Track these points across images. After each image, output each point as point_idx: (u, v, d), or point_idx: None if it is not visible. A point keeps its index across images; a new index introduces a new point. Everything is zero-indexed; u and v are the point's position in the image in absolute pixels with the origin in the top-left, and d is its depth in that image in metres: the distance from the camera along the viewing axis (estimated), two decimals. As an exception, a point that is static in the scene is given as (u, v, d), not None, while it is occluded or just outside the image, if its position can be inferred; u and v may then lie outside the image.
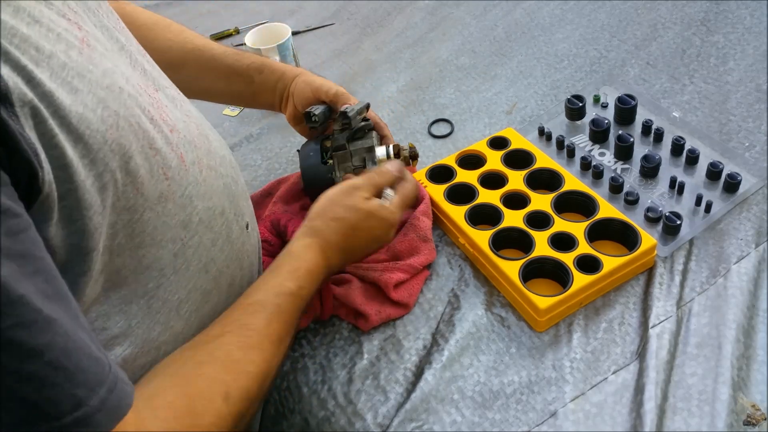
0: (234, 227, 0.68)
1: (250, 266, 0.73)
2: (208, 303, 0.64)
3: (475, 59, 1.23)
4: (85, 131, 0.46)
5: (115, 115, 0.49)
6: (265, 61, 0.95)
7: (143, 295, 0.56)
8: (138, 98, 0.53)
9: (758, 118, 0.97)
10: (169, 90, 0.65)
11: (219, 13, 1.57)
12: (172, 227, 0.57)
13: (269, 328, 0.62)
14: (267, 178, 1.04)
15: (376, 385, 0.74)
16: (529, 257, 0.80)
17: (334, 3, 1.51)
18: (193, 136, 0.62)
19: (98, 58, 0.50)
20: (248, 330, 0.61)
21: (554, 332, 0.76)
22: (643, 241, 0.79)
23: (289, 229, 0.87)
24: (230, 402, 0.55)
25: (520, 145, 0.96)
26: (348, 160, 0.88)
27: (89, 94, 0.47)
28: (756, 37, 1.12)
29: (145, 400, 0.50)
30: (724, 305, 0.75)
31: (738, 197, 0.86)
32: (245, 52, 0.97)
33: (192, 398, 0.53)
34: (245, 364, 0.58)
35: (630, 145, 0.93)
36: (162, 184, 0.54)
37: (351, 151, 0.88)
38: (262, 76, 0.93)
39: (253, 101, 0.98)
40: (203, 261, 0.62)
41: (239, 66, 0.93)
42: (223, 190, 0.66)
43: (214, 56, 0.93)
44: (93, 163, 0.47)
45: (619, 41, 1.19)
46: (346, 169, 0.88)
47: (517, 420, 0.69)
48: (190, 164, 0.59)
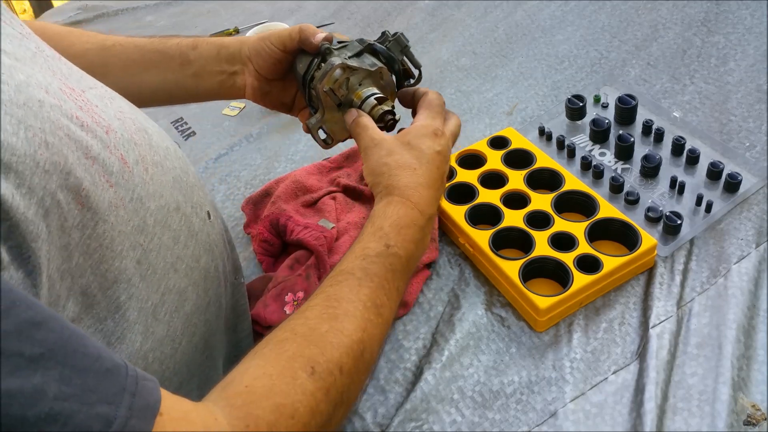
0: (194, 220, 0.64)
1: (221, 254, 0.70)
2: (187, 301, 0.62)
3: (476, 60, 1.23)
4: (12, 159, 0.41)
5: (41, 133, 0.45)
6: (197, 37, 0.82)
7: (116, 309, 0.53)
8: (62, 106, 0.49)
9: (759, 118, 0.97)
10: (96, 89, 0.59)
11: (219, 12, 1.57)
12: (128, 235, 0.54)
13: (359, 294, 0.57)
14: (267, 178, 1.04)
15: (375, 384, 0.73)
16: (529, 257, 0.79)
17: (334, 3, 1.51)
18: (130, 133, 0.57)
19: (6, 74, 0.45)
20: (334, 300, 0.56)
21: (554, 332, 0.76)
22: (644, 241, 0.79)
23: (288, 229, 0.87)
24: (316, 376, 0.51)
25: (521, 145, 0.96)
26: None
27: (6, 117, 0.42)
28: (756, 38, 1.12)
29: (221, 390, 0.48)
30: (725, 305, 0.75)
31: (738, 197, 0.86)
32: (173, 35, 0.84)
33: (272, 377, 0.50)
34: (332, 335, 0.54)
35: (630, 145, 0.93)
36: (107, 192, 0.51)
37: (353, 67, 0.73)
38: (198, 51, 0.80)
39: (195, 88, 0.82)
40: (169, 261, 0.59)
41: (167, 47, 0.81)
42: (173, 184, 0.61)
43: (137, 45, 0.82)
44: (31, 190, 0.43)
45: (619, 42, 1.19)
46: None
47: (517, 420, 0.69)
48: (134, 164, 0.55)
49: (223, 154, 1.10)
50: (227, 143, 1.13)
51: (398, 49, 0.76)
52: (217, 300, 0.68)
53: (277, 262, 0.90)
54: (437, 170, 0.67)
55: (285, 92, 0.84)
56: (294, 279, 0.82)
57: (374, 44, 0.75)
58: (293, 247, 0.89)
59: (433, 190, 0.65)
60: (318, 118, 0.74)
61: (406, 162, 0.66)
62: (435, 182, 0.66)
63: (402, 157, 0.66)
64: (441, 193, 0.68)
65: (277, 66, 0.78)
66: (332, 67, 0.71)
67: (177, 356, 0.61)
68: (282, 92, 0.83)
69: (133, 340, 0.55)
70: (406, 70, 0.77)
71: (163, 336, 0.59)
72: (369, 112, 0.72)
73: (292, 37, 0.76)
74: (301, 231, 0.87)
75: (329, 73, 0.71)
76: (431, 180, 0.66)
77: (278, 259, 0.91)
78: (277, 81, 0.81)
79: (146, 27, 1.59)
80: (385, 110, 0.72)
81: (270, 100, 0.83)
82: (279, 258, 0.91)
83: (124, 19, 1.63)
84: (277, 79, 0.81)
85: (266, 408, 0.48)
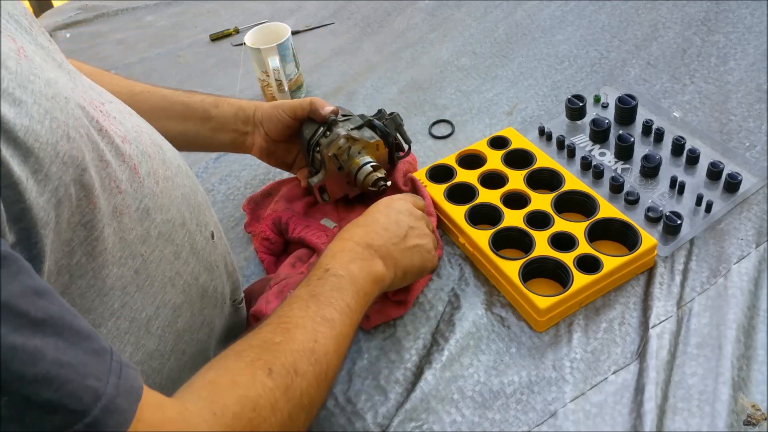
0: (198, 238, 0.65)
1: (220, 275, 0.71)
2: (180, 317, 0.63)
3: (476, 60, 1.23)
4: (34, 144, 0.43)
5: (64, 126, 0.46)
6: (218, 96, 0.91)
7: (110, 316, 0.54)
8: (84, 108, 0.51)
9: (759, 118, 0.97)
10: (115, 104, 0.62)
11: (219, 12, 1.57)
12: (129, 243, 0.54)
13: (307, 311, 0.60)
14: (267, 178, 1.04)
15: (376, 384, 0.74)
16: (529, 257, 0.79)
17: (334, 3, 1.51)
18: (145, 146, 0.59)
19: (38, 69, 0.47)
20: (285, 318, 0.59)
21: (554, 332, 0.76)
22: (644, 241, 0.79)
23: (290, 227, 0.88)
24: (274, 375, 0.53)
25: (521, 145, 0.96)
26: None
27: (35, 105, 0.44)
28: (756, 37, 1.12)
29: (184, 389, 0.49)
30: (725, 305, 0.75)
31: (738, 197, 0.86)
32: (196, 91, 0.93)
33: (233, 374, 0.52)
34: (286, 344, 0.57)
35: (630, 145, 0.93)
36: (116, 197, 0.52)
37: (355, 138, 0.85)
38: (219, 110, 0.89)
39: (211, 140, 0.91)
40: (168, 275, 0.60)
41: (192, 102, 0.89)
42: (182, 200, 0.63)
43: (164, 96, 0.89)
44: (47, 178, 0.44)
45: (619, 41, 1.19)
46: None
47: (517, 420, 0.69)
48: (145, 176, 0.57)
49: (223, 154, 1.10)
50: (227, 143, 1.13)
51: (393, 126, 0.89)
52: (210, 321, 0.69)
53: (278, 261, 0.91)
54: (379, 215, 0.75)
55: (288, 153, 0.94)
56: (296, 277, 0.83)
57: (373, 120, 0.87)
58: (295, 246, 0.90)
59: (367, 228, 0.72)
60: (320, 178, 0.86)
61: (363, 219, 0.74)
62: (372, 224, 0.73)
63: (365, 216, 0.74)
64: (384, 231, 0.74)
65: (285, 131, 0.89)
66: (338, 137, 0.84)
67: (164, 372, 0.62)
68: (285, 153, 0.94)
69: (123, 351, 0.56)
70: (398, 143, 0.91)
71: (153, 350, 0.59)
72: (364, 177, 0.84)
73: (303, 107, 0.86)
74: (303, 229, 0.88)
75: (335, 142, 0.84)
76: (367, 221, 0.74)
77: (279, 257, 0.91)
78: (282, 143, 0.91)
79: (146, 27, 1.59)
80: (379, 177, 0.84)
81: (274, 159, 0.93)
82: (280, 257, 0.91)
83: (124, 19, 1.63)
84: (282, 141, 0.91)
85: (231, 398, 0.50)
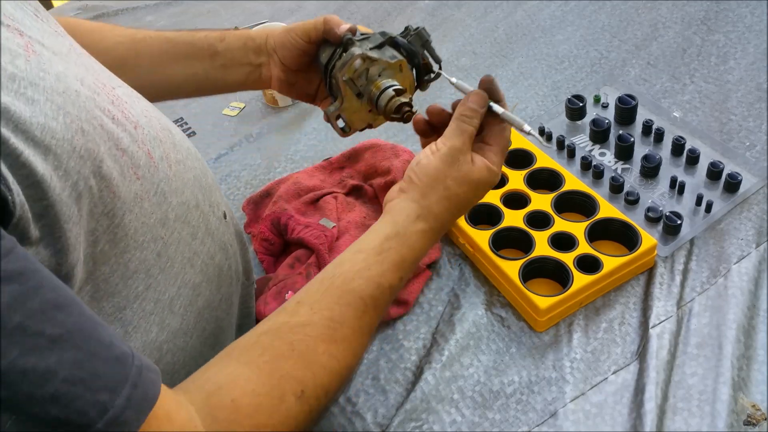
0: (211, 218, 0.66)
1: (234, 254, 0.72)
2: (200, 296, 0.63)
3: (476, 60, 1.23)
4: (51, 141, 0.44)
5: (77, 120, 0.47)
6: (224, 30, 0.84)
7: (135, 299, 0.55)
8: (95, 99, 0.51)
9: (759, 118, 0.97)
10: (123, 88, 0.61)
11: (219, 12, 1.57)
12: (151, 227, 0.55)
13: (361, 320, 0.57)
14: (267, 178, 1.04)
15: (375, 384, 0.74)
16: (529, 257, 0.79)
17: (334, 3, 1.51)
18: (156, 130, 0.60)
19: (47, 64, 0.47)
20: (336, 323, 0.56)
21: (554, 332, 0.76)
22: (644, 241, 0.79)
23: (290, 227, 0.88)
24: (304, 400, 0.52)
25: (521, 145, 0.96)
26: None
27: (47, 103, 0.44)
28: (756, 36, 1.12)
29: (206, 397, 0.48)
30: (725, 305, 0.75)
31: (738, 197, 0.86)
32: (202, 29, 0.85)
33: (260, 396, 0.50)
34: (327, 359, 0.55)
35: (630, 145, 0.93)
36: (134, 184, 0.53)
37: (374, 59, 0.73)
38: (226, 43, 0.82)
39: (224, 80, 0.83)
40: (187, 256, 0.61)
41: (196, 39, 0.82)
42: (194, 182, 0.64)
43: (168, 38, 0.83)
44: (67, 173, 0.45)
45: (619, 41, 1.19)
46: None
47: (517, 420, 0.69)
48: (159, 160, 0.57)
49: (223, 154, 1.10)
50: (227, 143, 1.13)
51: (419, 43, 0.76)
52: (228, 298, 0.70)
53: (277, 262, 0.90)
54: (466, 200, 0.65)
55: (309, 83, 0.85)
56: (294, 277, 0.83)
57: (396, 37, 0.75)
58: (294, 246, 0.90)
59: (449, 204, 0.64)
60: (337, 107, 0.75)
61: (459, 200, 0.64)
62: (457, 217, 0.66)
63: (461, 193, 0.63)
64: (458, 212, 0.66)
65: (301, 57, 0.80)
66: (352, 57, 0.72)
67: (188, 349, 0.63)
68: (306, 83, 0.84)
69: (149, 331, 0.57)
70: (426, 64, 0.77)
71: (177, 328, 0.61)
72: (386, 103, 0.72)
73: (316, 28, 0.77)
74: (302, 230, 0.87)
75: (349, 63, 0.72)
76: (456, 217, 0.65)
77: (279, 258, 0.91)
78: (302, 72, 0.82)
79: (146, 27, 1.59)
80: (402, 102, 0.71)
81: (295, 91, 0.85)
82: (279, 258, 0.91)
83: (124, 19, 1.63)
84: (301, 70, 0.82)
85: (247, 426, 0.49)
